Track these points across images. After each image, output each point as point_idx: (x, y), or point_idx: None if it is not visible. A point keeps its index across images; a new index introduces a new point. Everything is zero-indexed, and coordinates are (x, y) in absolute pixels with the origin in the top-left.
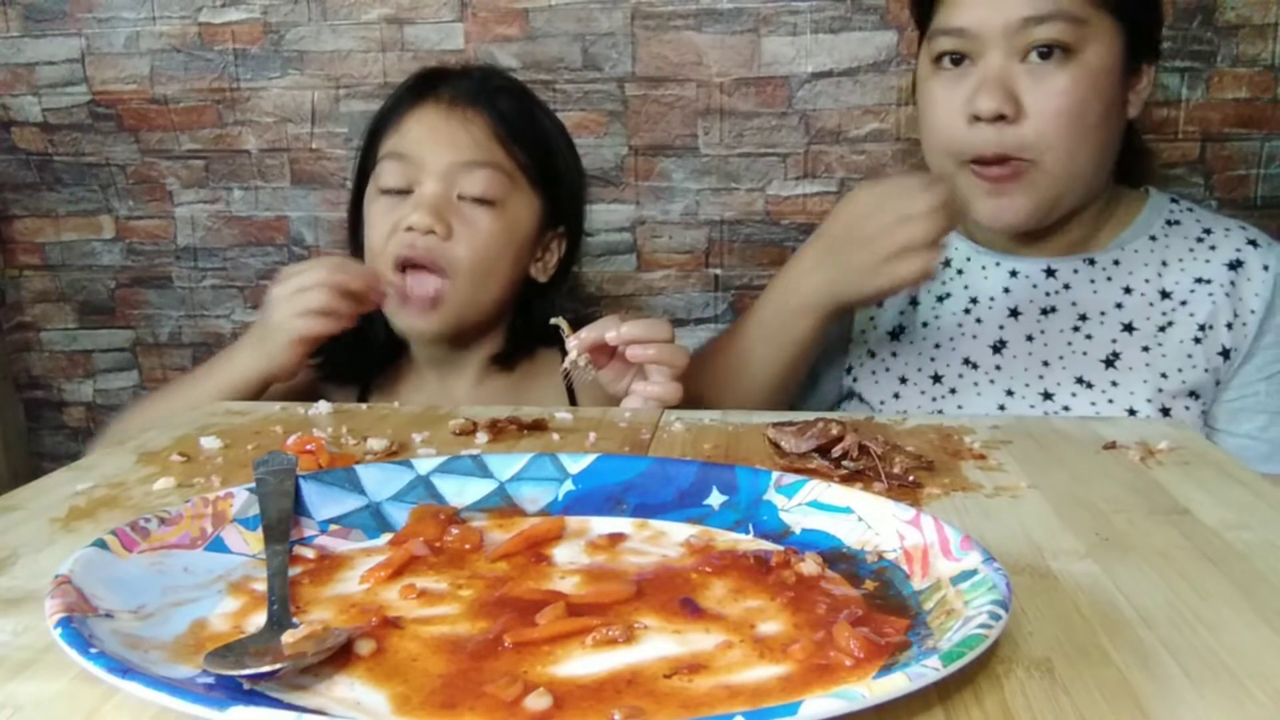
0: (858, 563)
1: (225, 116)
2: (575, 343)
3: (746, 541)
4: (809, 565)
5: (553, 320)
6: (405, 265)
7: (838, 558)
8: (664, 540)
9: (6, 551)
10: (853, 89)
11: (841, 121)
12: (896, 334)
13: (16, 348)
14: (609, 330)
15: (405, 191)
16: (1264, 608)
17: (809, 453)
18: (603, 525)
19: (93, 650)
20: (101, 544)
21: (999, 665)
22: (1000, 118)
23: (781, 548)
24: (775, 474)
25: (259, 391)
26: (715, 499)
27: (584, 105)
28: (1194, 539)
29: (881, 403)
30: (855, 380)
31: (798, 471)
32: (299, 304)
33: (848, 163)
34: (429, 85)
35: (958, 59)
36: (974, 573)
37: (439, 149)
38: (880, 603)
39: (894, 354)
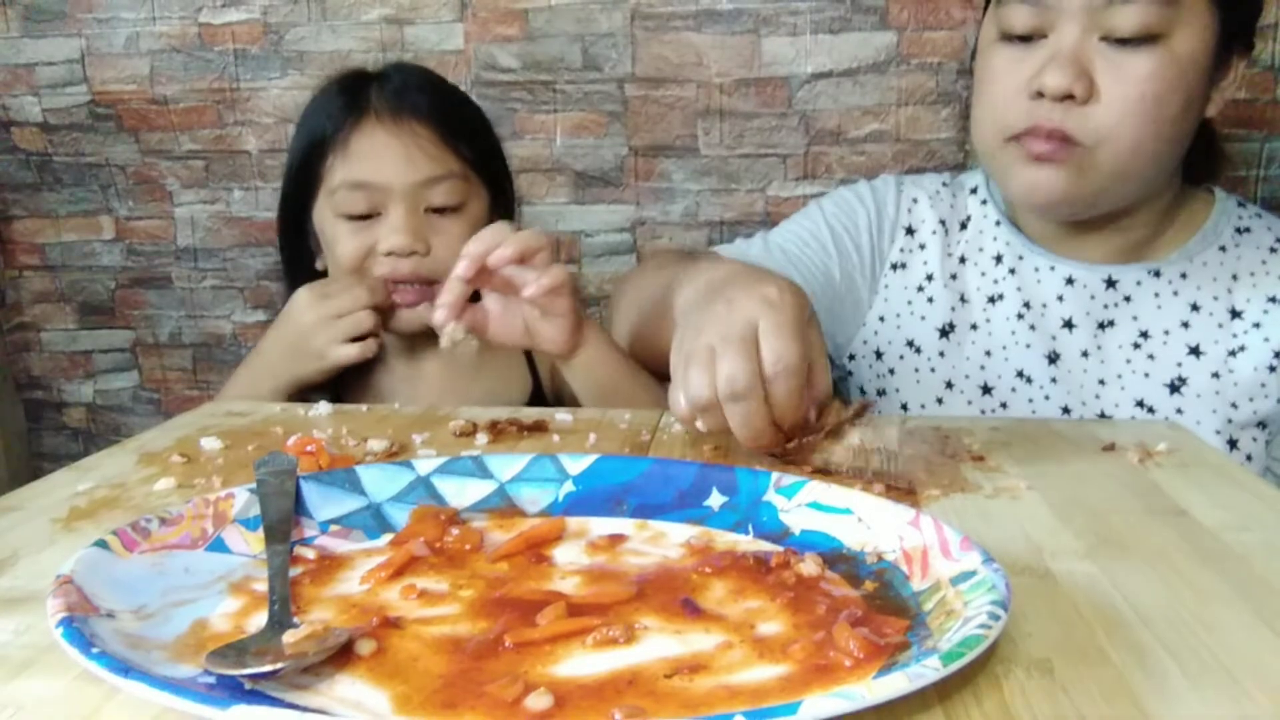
0: (857, 563)
1: (225, 117)
2: (442, 314)
3: (746, 542)
4: (809, 566)
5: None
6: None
7: (837, 558)
8: (664, 541)
9: (7, 551)
10: (852, 90)
11: (841, 122)
12: (947, 331)
13: (16, 348)
14: (468, 261)
15: (368, 215)
16: (1262, 608)
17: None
18: (603, 526)
19: (94, 650)
20: (103, 544)
21: (998, 665)
22: (1068, 97)
23: (781, 548)
24: (775, 475)
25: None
26: (715, 500)
27: (584, 105)
28: (1192, 540)
29: (922, 406)
30: (893, 374)
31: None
32: (341, 330)
33: (848, 163)
34: (359, 98)
35: (1027, 36)
36: (973, 573)
37: (399, 170)
38: (880, 603)
39: (941, 353)
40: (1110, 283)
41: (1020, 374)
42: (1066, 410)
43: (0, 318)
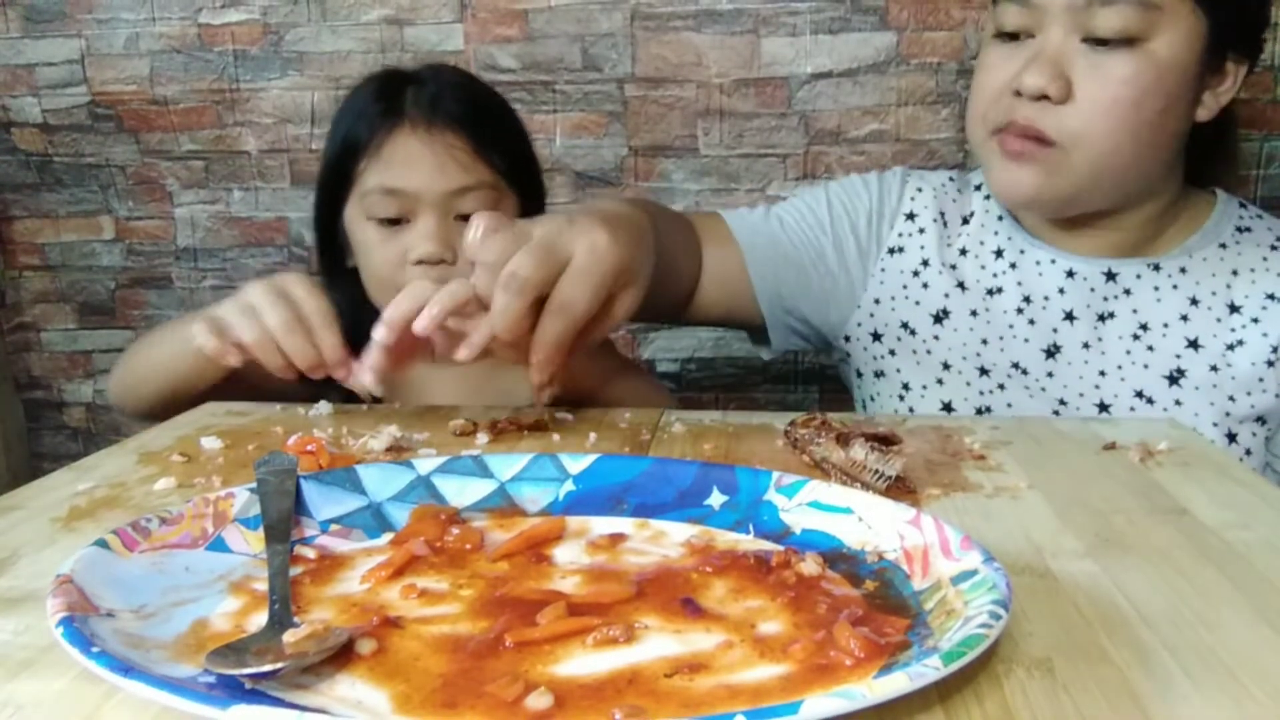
0: (858, 563)
1: (225, 117)
2: (369, 377)
3: (747, 542)
4: (809, 565)
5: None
6: None
7: (838, 558)
8: (664, 540)
9: (7, 551)
10: (852, 90)
11: (841, 122)
12: (941, 317)
13: (16, 348)
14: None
15: (398, 220)
16: (1263, 607)
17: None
18: (603, 525)
19: (94, 649)
20: (103, 543)
21: (999, 665)
22: (1044, 97)
23: (782, 548)
24: (775, 474)
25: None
26: (715, 499)
27: (584, 106)
28: (1193, 539)
29: (924, 387)
30: (893, 355)
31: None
32: (232, 323)
33: (847, 163)
34: (395, 103)
35: (1016, 35)
36: (974, 572)
37: (431, 180)
38: (880, 603)
39: (937, 337)
40: (1110, 275)
41: (1017, 365)
42: (1064, 402)
43: (0, 318)
